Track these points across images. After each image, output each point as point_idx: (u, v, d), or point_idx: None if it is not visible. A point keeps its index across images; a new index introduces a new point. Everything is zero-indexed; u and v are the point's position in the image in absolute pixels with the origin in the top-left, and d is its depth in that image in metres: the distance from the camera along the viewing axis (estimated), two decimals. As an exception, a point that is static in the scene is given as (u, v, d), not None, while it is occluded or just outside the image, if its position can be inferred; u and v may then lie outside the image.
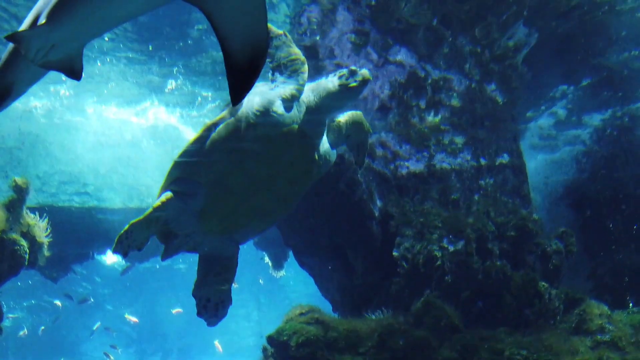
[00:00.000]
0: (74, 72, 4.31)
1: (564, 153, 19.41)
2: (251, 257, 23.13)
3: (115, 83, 16.23)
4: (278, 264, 20.66)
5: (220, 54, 3.54)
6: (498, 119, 13.17)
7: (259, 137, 7.29)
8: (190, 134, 19.89)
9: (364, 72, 7.54)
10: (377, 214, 11.95)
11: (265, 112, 7.21)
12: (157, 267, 36.52)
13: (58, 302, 37.00)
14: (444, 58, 12.17)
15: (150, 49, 14.05)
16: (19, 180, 12.93)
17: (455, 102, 12.55)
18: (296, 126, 7.38)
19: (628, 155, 17.60)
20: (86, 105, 17.86)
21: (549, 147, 19.14)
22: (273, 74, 7.53)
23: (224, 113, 7.46)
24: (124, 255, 7.49)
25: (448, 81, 12.44)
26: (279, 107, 7.25)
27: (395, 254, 11.37)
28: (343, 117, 8.38)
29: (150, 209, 7.51)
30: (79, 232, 20.51)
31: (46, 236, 13.70)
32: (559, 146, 19.06)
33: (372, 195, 11.99)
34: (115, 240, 7.31)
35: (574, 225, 15.76)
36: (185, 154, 7.60)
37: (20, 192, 12.81)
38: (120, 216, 21.53)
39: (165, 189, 7.77)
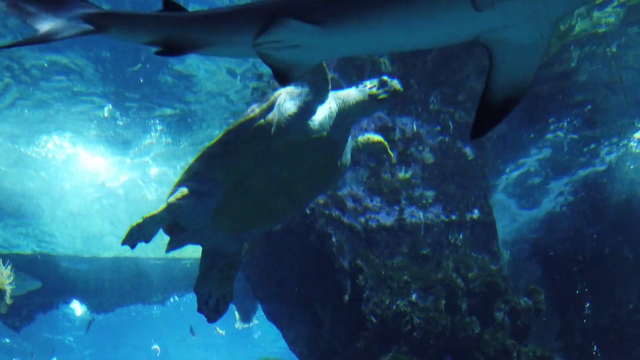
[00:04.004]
0: (284, 78, 3.88)
1: (533, 210, 19.60)
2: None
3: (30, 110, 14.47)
4: (246, 317, 20.38)
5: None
6: (469, 175, 13.28)
7: (289, 141, 7.22)
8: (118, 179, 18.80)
9: (395, 83, 7.49)
10: (346, 267, 11.87)
11: (298, 117, 7.15)
12: (122, 315, 35.80)
13: None
14: (416, 113, 12.31)
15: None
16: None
17: (426, 157, 12.66)
18: (325, 133, 7.33)
19: (596, 215, 17.83)
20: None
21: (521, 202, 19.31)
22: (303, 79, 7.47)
23: (255, 113, 7.33)
24: (132, 247, 7.30)
25: (420, 136, 12.56)
26: (311, 113, 7.23)
27: (363, 308, 11.26)
28: (363, 138, 8.38)
29: (164, 205, 7.37)
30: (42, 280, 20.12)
31: (9, 284, 13.41)
32: (527, 203, 19.25)
33: (341, 248, 11.93)
34: (126, 233, 7.18)
35: (544, 282, 15.83)
36: (210, 151, 7.48)
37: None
38: (86, 265, 21.19)
39: (181, 184, 7.65)
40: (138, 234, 7.25)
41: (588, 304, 16.15)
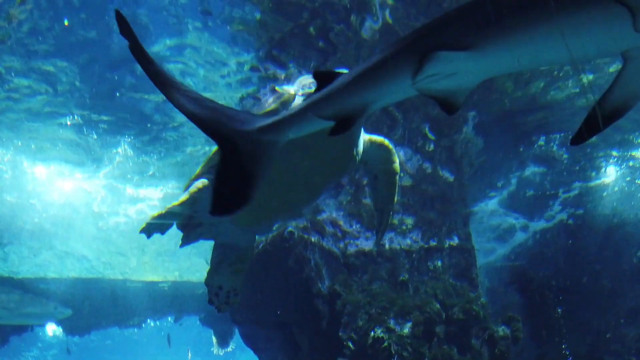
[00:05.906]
0: (450, 106, 3.88)
1: (515, 239, 19.66)
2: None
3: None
4: (224, 341, 20.22)
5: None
6: (448, 201, 13.32)
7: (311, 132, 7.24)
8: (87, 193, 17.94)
9: None
10: (325, 292, 11.81)
11: None
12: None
13: None
14: (396, 138, 12.36)
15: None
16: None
17: (406, 183, 12.68)
18: None
19: (575, 243, 17.93)
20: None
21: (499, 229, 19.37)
22: None
23: (275, 105, 7.34)
24: (148, 236, 7.46)
25: (400, 162, 12.58)
26: None
27: (341, 334, 11.19)
28: (376, 137, 8.40)
29: (186, 195, 7.36)
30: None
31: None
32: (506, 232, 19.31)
33: (320, 273, 11.88)
34: (145, 223, 7.19)
35: (521, 311, 15.83)
36: None
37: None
38: (64, 286, 20.88)
39: (201, 176, 7.61)
40: (156, 225, 7.29)
41: (565, 332, 16.18)
